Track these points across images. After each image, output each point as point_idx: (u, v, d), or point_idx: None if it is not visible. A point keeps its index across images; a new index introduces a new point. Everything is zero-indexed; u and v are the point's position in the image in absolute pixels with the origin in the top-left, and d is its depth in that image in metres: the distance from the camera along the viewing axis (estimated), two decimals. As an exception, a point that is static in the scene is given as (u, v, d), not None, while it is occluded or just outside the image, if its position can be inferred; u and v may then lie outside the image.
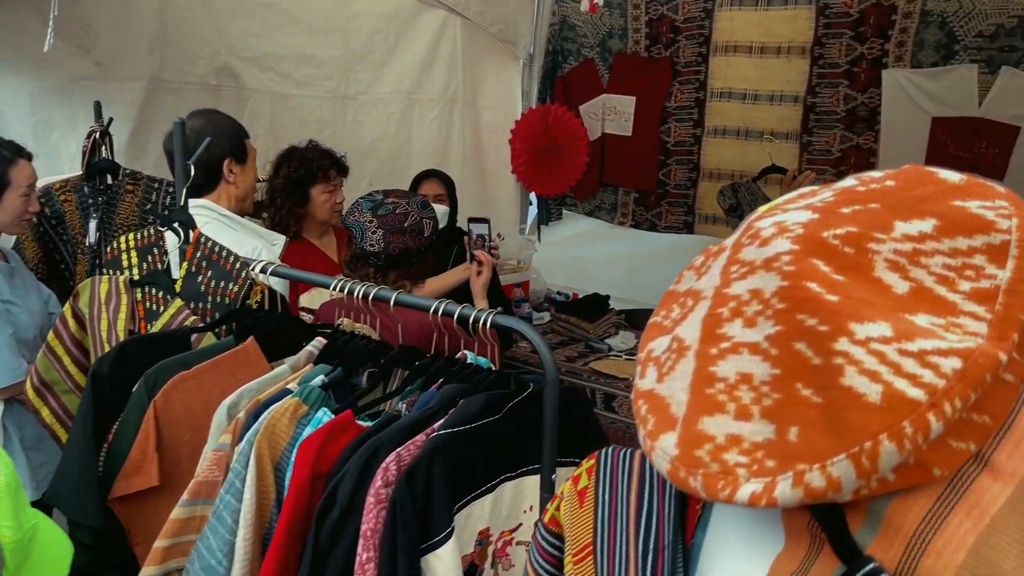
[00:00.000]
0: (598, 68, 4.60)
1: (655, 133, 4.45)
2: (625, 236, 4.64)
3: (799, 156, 4.05)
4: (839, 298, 0.57)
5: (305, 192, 2.97)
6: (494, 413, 1.40)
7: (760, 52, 4.09)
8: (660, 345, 0.70)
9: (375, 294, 1.60)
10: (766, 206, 0.69)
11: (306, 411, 1.48)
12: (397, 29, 3.96)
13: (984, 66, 3.51)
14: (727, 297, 0.63)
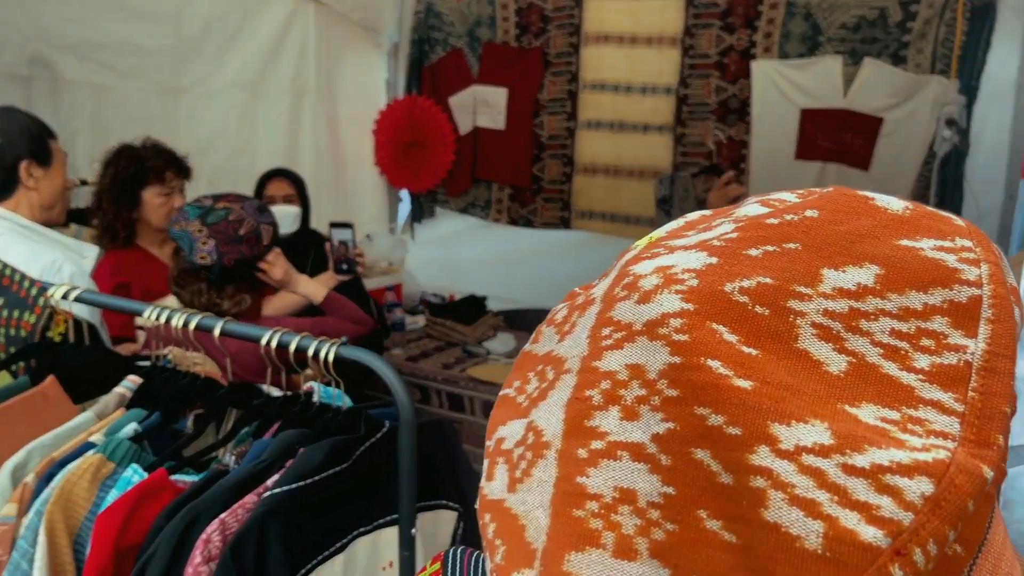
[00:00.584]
0: (467, 58, 4.40)
1: (528, 126, 4.30)
2: (501, 234, 4.48)
3: (672, 149, 3.98)
4: (753, 384, 0.39)
5: (135, 195, 2.64)
6: (341, 461, 1.19)
7: (631, 42, 4.00)
8: (513, 433, 0.51)
9: (198, 323, 1.35)
10: (645, 240, 0.51)
11: (112, 470, 1.23)
12: (239, 14, 3.63)
13: (848, 57, 3.52)
14: (598, 374, 0.44)
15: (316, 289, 2.35)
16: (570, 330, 0.50)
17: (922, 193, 3.48)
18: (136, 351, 2.22)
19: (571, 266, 4.29)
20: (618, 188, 4.15)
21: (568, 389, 0.46)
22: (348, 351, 1.20)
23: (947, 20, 3.32)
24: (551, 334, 0.52)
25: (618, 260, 0.51)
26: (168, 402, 1.35)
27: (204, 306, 2.04)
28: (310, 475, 1.15)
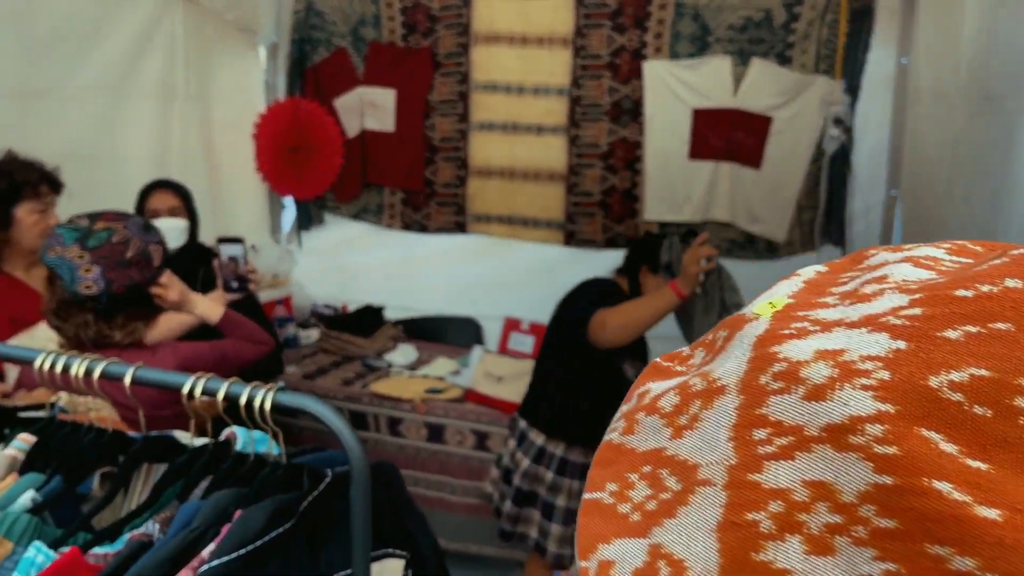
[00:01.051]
0: (352, 58, 4.23)
1: (419, 128, 4.18)
2: (394, 240, 4.33)
3: (567, 150, 3.95)
4: (1002, 513, 0.31)
5: (7, 213, 2.37)
6: (284, 521, 1.06)
7: (522, 43, 3.94)
8: (626, 557, 0.40)
9: (104, 371, 1.17)
10: (764, 306, 0.42)
11: (9, 550, 1.05)
12: (98, 12, 3.32)
13: (736, 58, 3.59)
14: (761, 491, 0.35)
15: (213, 309, 2.17)
16: (691, 424, 0.40)
17: (811, 190, 3.58)
18: (5, 392, 1.98)
19: (469, 271, 4.21)
20: (514, 191, 4.09)
21: (715, 508, 0.37)
22: (287, 398, 1.07)
23: (828, 22, 3.43)
24: (657, 426, 0.42)
25: (731, 330, 0.42)
26: (70, 462, 1.18)
27: (93, 340, 1.84)
28: (251, 541, 1.02)
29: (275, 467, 1.11)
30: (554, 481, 2.66)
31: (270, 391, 1.07)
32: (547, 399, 2.73)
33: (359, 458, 1.03)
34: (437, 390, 3.31)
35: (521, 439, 2.75)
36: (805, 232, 3.64)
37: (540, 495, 2.68)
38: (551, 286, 4.05)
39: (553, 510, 2.67)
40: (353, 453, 1.02)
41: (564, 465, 2.66)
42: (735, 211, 3.73)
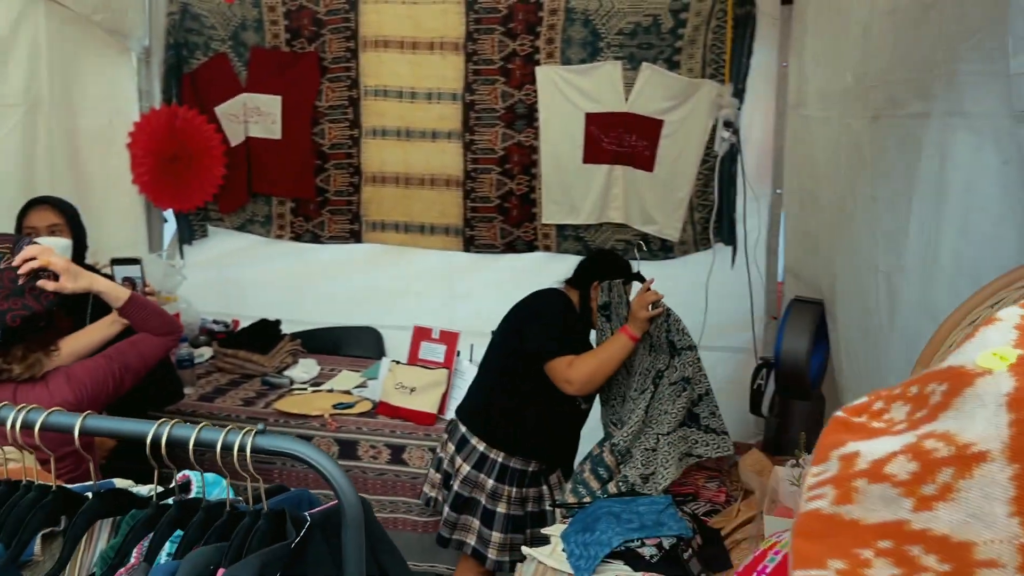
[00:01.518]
0: (233, 64, 4.06)
1: (307, 135, 4.05)
2: (285, 250, 4.19)
3: (463, 156, 3.93)
4: None
5: None
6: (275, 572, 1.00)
7: (412, 48, 3.89)
8: None
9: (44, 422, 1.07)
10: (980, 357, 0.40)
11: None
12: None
13: (627, 62, 3.67)
14: None
15: (115, 289, 2.10)
16: (943, 495, 0.38)
17: (703, 190, 3.71)
18: None
19: (366, 281, 4.13)
20: (410, 197, 4.04)
21: None
22: (269, 441, 1.01)
23: (713, 28, 3.56)
24: (889, 496, 0.40)
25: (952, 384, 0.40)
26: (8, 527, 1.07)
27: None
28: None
29: (254, 517, 1.05)
30: (494, 488, 2.65)
31: (248, 435, 1.01)
32: (490, 409, 2.71)
33: (352, 502, 0.98)
34: (346, 404, 3.23)
35: (461, 444, 2.72)
36: (698, 231, 3.77)
37: (480, 502, 2.67)
38: (452, 292, 4.05)
39: (493, 517, 2.67)
40: (346, 496, 0.98)
41: (505, 472, 2.66)
42: (630, 212, 3.81)
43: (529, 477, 2.70)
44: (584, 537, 2.15)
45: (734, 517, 2.31)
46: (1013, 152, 1.03)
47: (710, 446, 2.50)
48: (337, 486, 0.98)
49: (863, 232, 1.75)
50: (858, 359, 1.95)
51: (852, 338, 1.98)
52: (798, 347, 2.70)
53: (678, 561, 2.08)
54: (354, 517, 0.99)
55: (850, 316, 1.99)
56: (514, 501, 2.67)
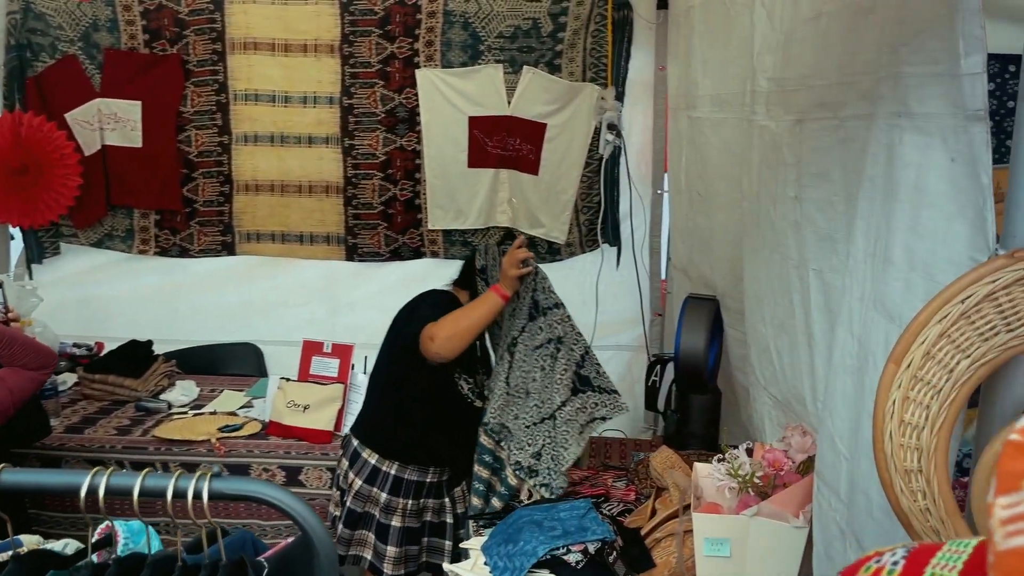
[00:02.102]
0: (84, 66, 3.76)
1: (172, 143, 3.80)
2: (151, 266, 3.92)
3: (342, 161, 3.81)
4: None
5: None
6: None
7: (284, 50, 3.73)
8: None
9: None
10: None
11: None
12: None
13: (508, 66, 3.66)
14: None
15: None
16: None
17: (587, 192, 3.75)
18: None
19: (242, 295, 3.92)
20: (286, 206, 3.87)
21: None
22: (229, 484, 0.90)
23: (592, 31, 3.61)
24: None
25: None
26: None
27: None
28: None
29: (211, 570, 0.94)
30: (388, 501, 2.56)
31: (204, 478, 0.90)
32: (381, 418, 2.62)
33: (325, 542, 0.90)
34: (233, 427, 3.05)
35: (354, 459, 2.61)
36: (584, 233, 3.80)
37: (374, 516, 2.57)
38: (336, 303, 3.91)
39: (388, 531, 2.58)
40: (318, 537, 0.89)
41: (399, 484, 2.58)
42: (516, 216, 3.81)
43: (428, 488, 2.63)
44: (507, 548, 2.10)
45: (649, 516, 2.33)
46: (961, 150, 1.06)
47: (608, 407, 2.48)
48: (308, 527, 0.89)
49: (784, 231, 1.79)
50: (773, 355, 2.00)
51: (766, 334, 2.03)
52: (696, 342, 2.75)
53: (603, 565, 2.07)
54: (328, 558, 0.90)
55: (763, 313, 2.04)
56: (410, 513, 2.60)
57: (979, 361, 0.97)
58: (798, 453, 1.88)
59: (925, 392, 1.00)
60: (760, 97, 1.99)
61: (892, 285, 1.26)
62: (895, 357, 1.00)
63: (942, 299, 0.97)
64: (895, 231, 1.25)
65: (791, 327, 1.82)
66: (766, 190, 1.93)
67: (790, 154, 1.71)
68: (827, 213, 1.56)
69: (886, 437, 1.02)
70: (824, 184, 1.56)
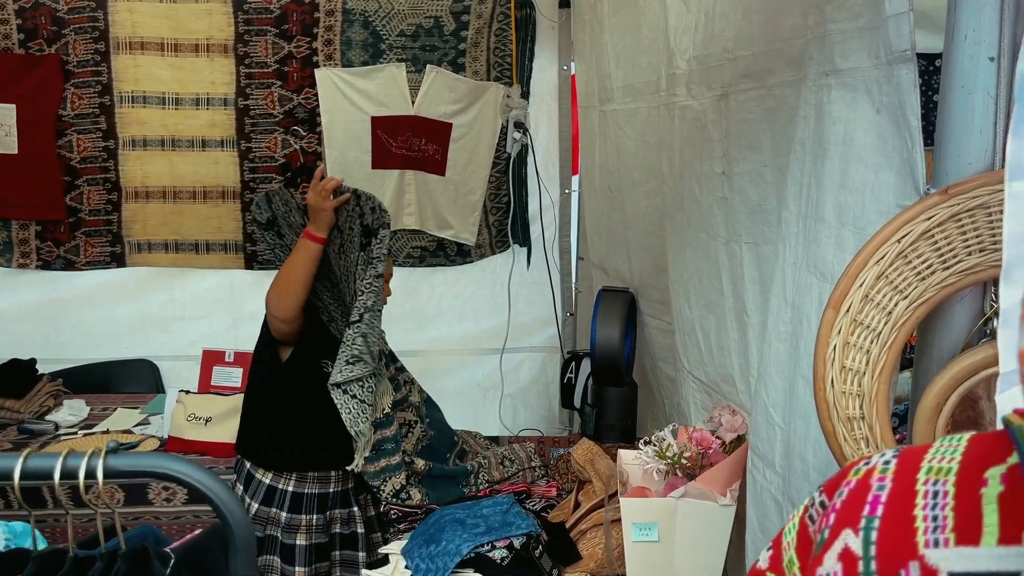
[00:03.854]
0: (-49, 68, 3.49)
1: (51, 148, 3.57)
2: (34, 280, 3.65)
3: (239, 165, 3.65)
4: None
5: None
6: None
7: (174, 50, 3.55)
8: None
9: None
10: None
11: None
12: None
13: (411, 65, 3.59)
14: None
15: None
16: None
17: (495, 192, 3.71)
18: None
19: (134, 309, 3.70)
20: (180, 213, 3.67)
21: None
22: (128, 461, 0.80)
23: (496, 30, 3.58)
24: None
25: None
26: None
27: None
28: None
29: (109, 559, 0.83)
30: (289, 520, 2.41)
31: (98, 455, 0.79)
32: (264, 429, 2.46)
33: (241, 522, 0.80)
34: (128, 445, 2.85)
35: (248, 481, 2.45)
36: (494, 234, 3.76)
37: (277, 538, 2.41)
38: (236, 315, 3.73)
39: (294, 552, 2.42)
40: (233, 516, 0.79)
41: (298, 500, 2.42)
42: (424, 218, 3.73)
43: (333, 498, 2.48)
44: (429, 549, 2.02)
45: (572, 509, 2.29)
46: (887, 100, 1.06)
47: None
48: (221, 504, 0.79)
49: (711, 209, 1.77)
50: (699, 337, 1.99)
51: (691, 317, 2.02)
52: (611, 335, 2.74)
53: (529, 560, 2.01)
54: (245, 541, 0.81)
55: (689, 296, 2.03)
56: (316, 529, 2.44)
57: (917, 301, 0.96)
58: (728, 432, 1.86)
59: (865, 336, 0.98)
60: (680, 79, 1.98)
61: (824, 244, 1.25)
62: (834, 302, 0.98)
63: (879, 239, 0.96)
64: (825, 189, 1.24)
65: (719, 306, 1.81)
66: (690, 170, 1.92)
67: (716, 130, 1.70)
68: (757, 184, 1.55)
69: (827, 385, 0.99)
70: (753, 155, 1.55)
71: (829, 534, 0.56)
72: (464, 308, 3.79)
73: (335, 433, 2.41)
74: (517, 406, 3.77)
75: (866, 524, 0.53)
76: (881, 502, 0.54)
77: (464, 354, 3.78)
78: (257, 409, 2.47)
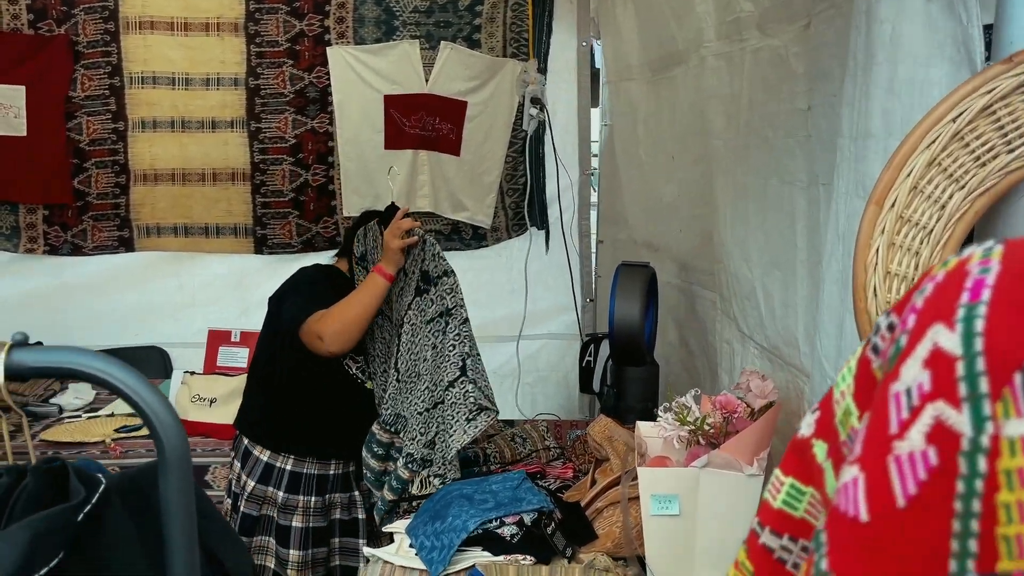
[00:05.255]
0: (-40, 50, 3.44)
1: (60, 131, 3.50)
2: (41, 266, 3.59)
3: (249, 146, 3.56)
4: None
5: None
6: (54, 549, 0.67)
7: (184, 29, 3.48)
8: None
9: None
10: None
11: None
12: None
13: (424, 42, 3.49)
14: None
15: None
16: None
17: (511, 173, 3.59)
18: None
19: (143, 295, 3.62)
20: (189, 196, 3.59)
21: None
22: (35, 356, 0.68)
23: (512, 5, 3.46)
24: None
25: None
26: None
27: None
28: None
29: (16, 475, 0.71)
30: (285, 500, 2.32)
31: (4, 349, 0.68)
32: (268, 409, 2.38)
33: (173, 433, 0.68)
34: (132, 427, 2.75)
35: (245, 458, 2.36)
36: (511, 216, 3.63)
37: (272, 518, 2.32)
38: (246, 301, 3.63)
39: (289, 533, 2.33)
40: (161, 424, 0.67)
41: (297, 480, 2.34)
42: (438, 200, 3.62)
43: (332, 481, 2.39)
44: (435, 526, 1.88)
45: (588, 488, 2.14)
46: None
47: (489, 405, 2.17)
48: (147, 408, 0.67)
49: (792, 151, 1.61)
50: (760, 299, 1.85)
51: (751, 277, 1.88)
52: (631, 310, 2.59)
53: (541, 538, 1.87)
54: (177, 457, 0.68)
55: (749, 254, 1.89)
56: (314, 511, 2.35)
57: (976, 191, 0.82)
58: (757, 398, 1.72)
59: (913, 235, 0.84)
60: (748, 22, 1.83)
61: (871, 161, 1.11)
62: (876, 198, 0.85)
63: (930, 120, 0.82)
64: (873, 99, 1.11)
65: (788, 261, 1.66)
66: (761, 115, 1.77)
67: (799, 63, 1.55)
68: (829, 117, 1.41)
69: (869, 295, 0.85)
70: (826, 85, 1.41)
71: (908, 340, 0.42)
72: (479, 294, 3.64)
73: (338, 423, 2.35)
74: (535, 395, 3.63)
75: (966, 314, 0.39)
76: (987, 285, 0.40)
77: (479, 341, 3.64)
78: (264, 391, 2.41)
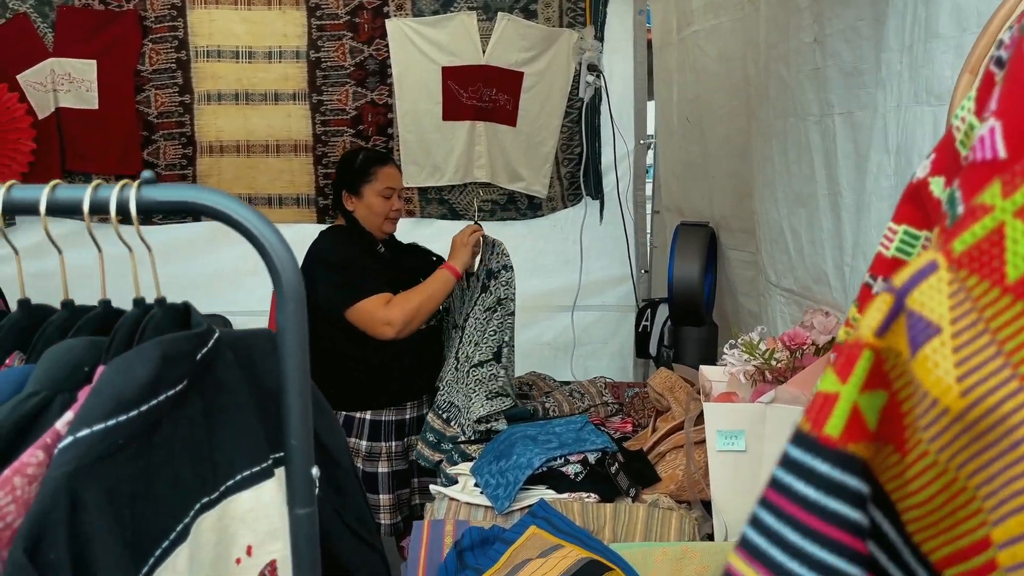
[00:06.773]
0: (36, 25, 3.56)
1: (130, 103, 3.61)
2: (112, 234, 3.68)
3: (311, 118, 3.63)
4: None
5: None
6: (178, 375, 0.71)
7: (248, 3, 3.56)
8: None
9: None
10: None
11: None
12: None
13: (482, 12, 3.52)
14: None
15: None
16: None
17: (567, 143, 3.61)
18: None
19: (208, 263, 3.70)
20: (254, 167, 3.68)
21: None
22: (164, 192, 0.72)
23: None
24: None
25: None
26: None
27: None
28: (135, 403, 0.66)
29: (143, 307, 0.75)
30: (370, 448, 2.39)
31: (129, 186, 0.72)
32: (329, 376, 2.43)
33: (291, 270, 0.71)
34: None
35: None
36: (566, 186, 3.65)
37: (360, 469, 2.39)
38: (308, 268, 3.70)
39: (376, 479, 2.40)
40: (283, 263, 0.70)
41: (377, 428, 2.41)
42: (495, 170, 3.65)
43: (410, 424, 2.46)
44: (500, 464, 1.91)
45: (651, 435, 2.15)
46: None
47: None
48: (266, 243, 0.70)
49: (802, 86, 1.63)
50: (788, 239, 1.84)
51: (779, 218, 1.88)
52: (691, 270, 2.60)
53: (605, 477, 1.89)
54: (293, 290, 0.71)
55: (776, 195, 1.89)
56: (396, 455, 2.43)
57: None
58: (821, 335, 1.71)
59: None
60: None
61: (939, 62, 1.11)
62: (971, 66, 0.84)
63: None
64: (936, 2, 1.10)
65: (810, 196, 1.67)
66: (775, 54, 1.78)
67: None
68: (852, 43, 1.41)
69: (958, 165, 0.85)
70: (847, 11, 1.41)
71: None
72: (534, 264, 3.68)
73: (405, 368, 2.42)
74: (589, 365, 3.63)
75: None
76: None
77: (533, 311, 3.66)
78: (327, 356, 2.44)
